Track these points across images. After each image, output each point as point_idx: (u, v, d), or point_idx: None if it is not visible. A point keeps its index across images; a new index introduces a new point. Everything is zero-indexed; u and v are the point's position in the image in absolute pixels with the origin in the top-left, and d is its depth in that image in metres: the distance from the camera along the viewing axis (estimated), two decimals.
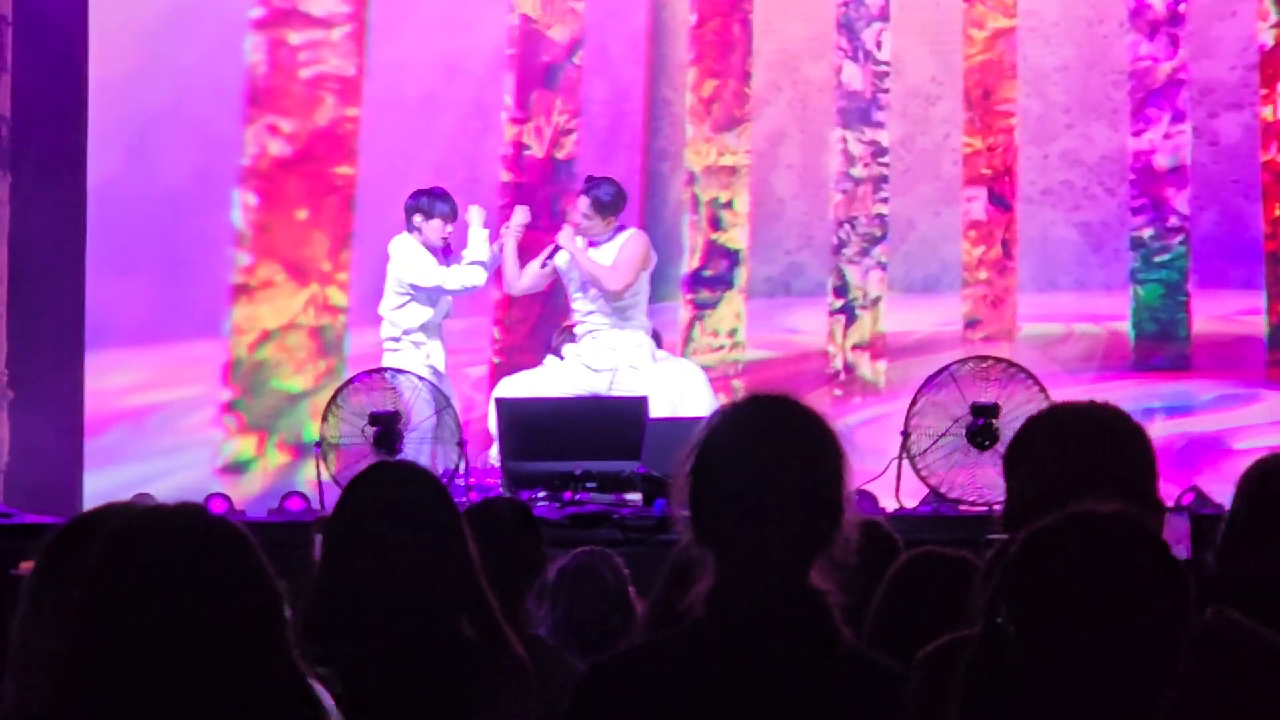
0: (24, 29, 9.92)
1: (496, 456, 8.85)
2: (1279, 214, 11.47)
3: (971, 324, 11.71)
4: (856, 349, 11.79)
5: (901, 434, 8.45)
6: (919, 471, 8.38)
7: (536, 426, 8.36)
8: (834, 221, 11.86)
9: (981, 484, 8.29)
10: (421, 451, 8.47)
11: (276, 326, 11.25)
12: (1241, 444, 10.59)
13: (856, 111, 11.90)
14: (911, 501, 8.54)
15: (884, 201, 11.85)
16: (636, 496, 8.17)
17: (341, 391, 8.74)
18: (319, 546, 3.58)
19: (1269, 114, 11.55)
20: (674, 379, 9.19)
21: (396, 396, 8.73)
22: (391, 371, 8.92)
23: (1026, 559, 2.35)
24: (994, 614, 2.34)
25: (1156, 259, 11.63)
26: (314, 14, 11.40)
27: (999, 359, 8.67)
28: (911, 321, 11.77)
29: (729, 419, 2.68)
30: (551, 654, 4.24)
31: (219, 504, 8.72)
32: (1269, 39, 11.59)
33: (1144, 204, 11.67)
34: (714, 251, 11.87)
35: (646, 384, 9.01)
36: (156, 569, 2.17)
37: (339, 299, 11.29)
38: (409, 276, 9.28)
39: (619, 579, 5.10)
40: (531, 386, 9.26)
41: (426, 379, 8.84)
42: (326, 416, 8.63)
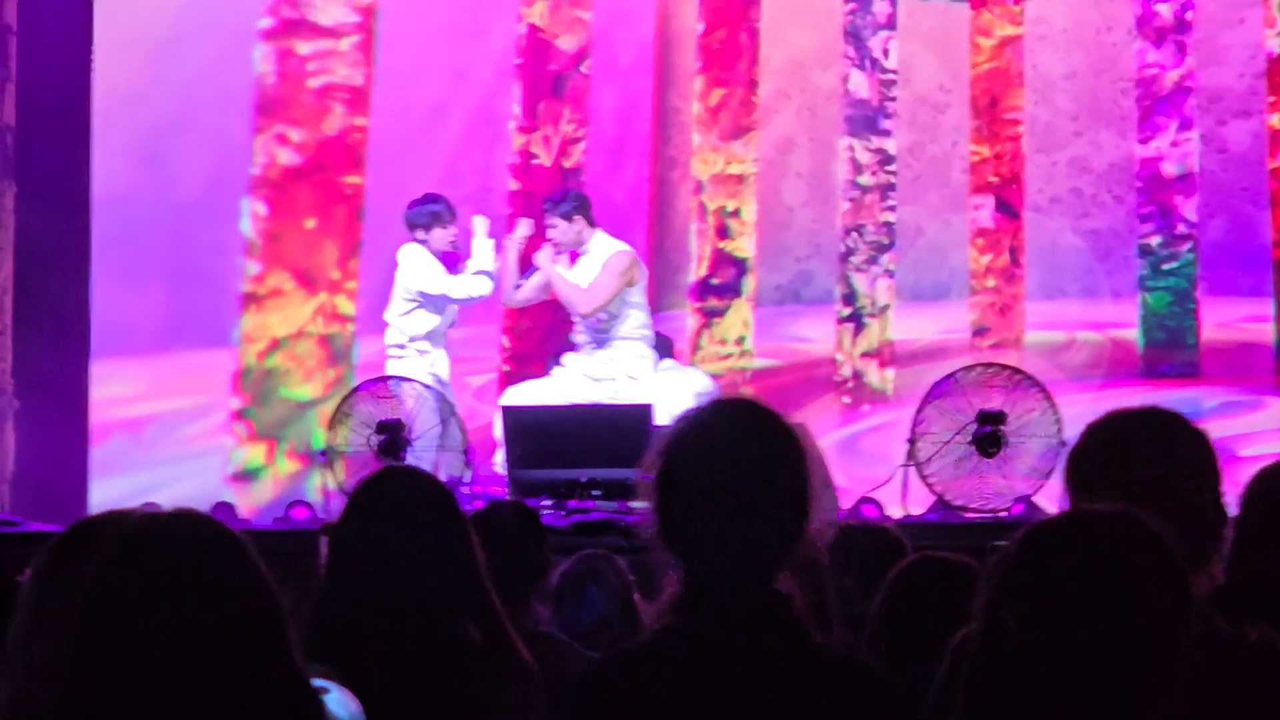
0: (28, 38, 9.94)
1: (502, 463, 8.86)
2: None
3: (979, 331, 11.72)
4: (865, 357, 11.80)
5: (908, 441, 8.45)
6: (925, 478, 8.38)
7: (542, 434, 8.37)
8: (841, 229, 11.87)
9: (988, 491, 8.29)
10: (426, 459, 8.48)
11: (285, 335, 11.26)
12: (1249, 451, 10.58)
13: (863, 120, 11.91)
14: (918, 508, 8.54)
15: (891, 209, 11.86)
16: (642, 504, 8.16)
17: (348, 400, 8.75)
18: (325, 551, 3.59)
19: (1277, 121, 11.55)
20: (679, 388, 9.21)
21: (402, 405, 8.73)
22: (397, 380, 8.93)
23: (1026, 557, 2.35)
24: (994, 612, 2.34)
25: (1165, 266, 11.62)
26: (322, 24, 11.41)
27: (1005, 366, 8.67)
28: (919, 329, 11.78)
29: (693, 424, 2.67)
30: (564, 649, 4.25)
31: (223, 511, 8.74)
32: (1277, 46, 11.59)
33: (1152, 211, 11.67)
34: (722, 260, 11.88)
35: (648, 394, 9.02)
36: (156, 573, 2.18)
37: (347, 307, 11.30)
38: (416, 284, 9.30)
39: (623, 582, 5.11)
40: (537, 395, 9.28)
41: (432, 387, 8.85)
42: (333, 425, 8.64)
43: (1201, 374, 11.51)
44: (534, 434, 8.41)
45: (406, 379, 8.94)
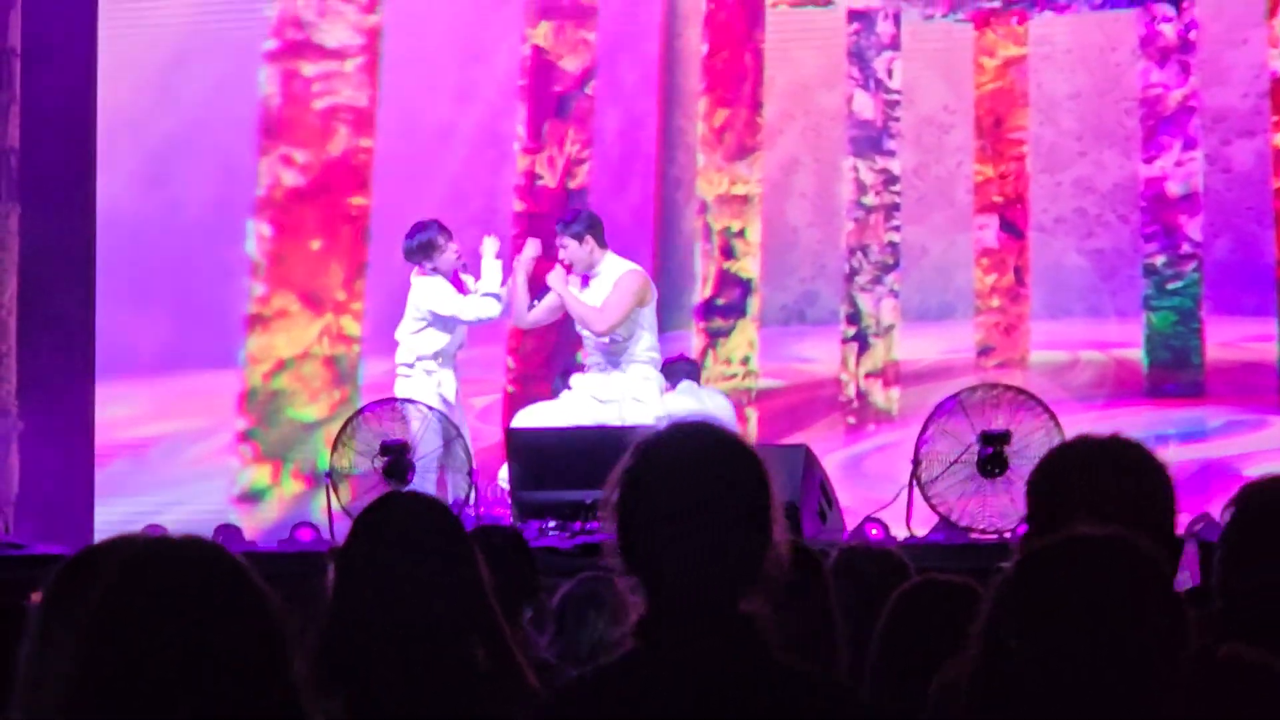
0: (33, 61, 9.96)
1: (505, 478, 8.85)
2: None
3: (984, 351, 11.71)
4: (869, 377, 11.80)
5: (912, 462, 8.45)
6: (929, 499, 8.37)
7: (547, 456, 8.36)
8: (846, 250, 11.87)
9: (992, 512, 8.28)
10: (430, 481, 8.47)
11: (291, 356, 11.28)
12: (1254, 470, 10.58)
13: (868, 140, 11.92)
14: (922, 529, 8.53)
15: (896, 229, 11.87)
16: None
17: (352, 422, 8.75)
18: (332, 576, 3.59)
19: None
20: (687, 411, 9.20)
21: (406, 426, 8.72)
22: (402, 401, 8.93)
23: (1023, 580, 2.36)
24: (993, 635, 2.35)
25: (1169, 286, 11.62)
26: (327, 45, 11.45)
27: (1009, 387, 8.66)
28: (924, 349, 11.77)
29: (651, 448, 2.67)
30: (555, 675, 4.25)
31: (227, 533, 8.74)
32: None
33: (1156, 231, 11.67)
34: (726, 280, 11.89)
35: (654, 417, 9.00)
36: (158, 599, 2.19)
37: (353, 328, 11.32)
38: (427, 304, 9.30)
39: (623, 604, 5.09)
40: (545, 418, 9.26)
41: (436, 409, 8.85)
42: (337, 446, 8.63)
43: (1206, 393, 11.50)
44: (538, 455, 8.40)
45: (412, 400, 8.93)
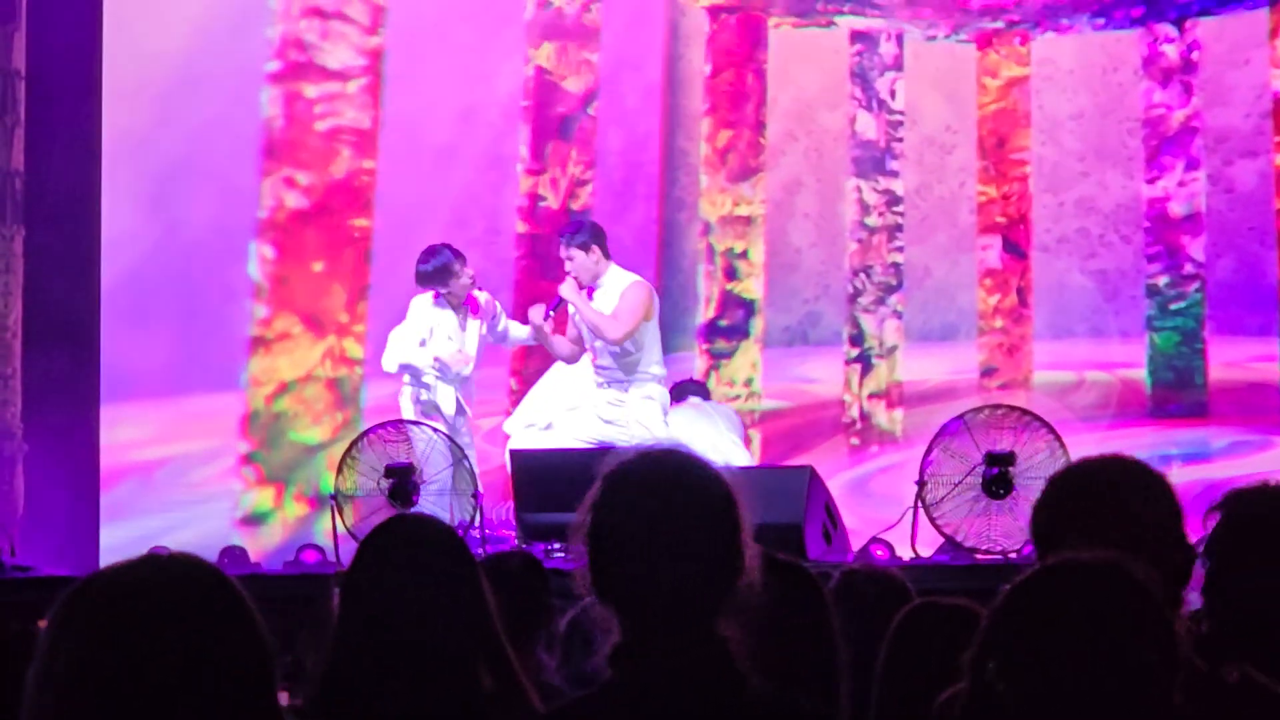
0: (37, 83, 9.96)
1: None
2: None
3: (988, 372, 11.71)
4: (873, 398, 11.79)
5: (917, 483, 8.43)
6: (934, 520, 8.36)
7: (551, 478, 8.31)
8: (849, 270, 11.87)
9: (997, 532, 8.26)
10: (438, 504, 8.45)
11: (294, 378, 11.26)
12: None
13: (871, 161, 11.92)
14: (928, 550, 8.51)
15: (899, 250, 11.87)
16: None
17: (357, 444, 8.72)
18: (337, 600, 3.58)
19: None
20: (696, 434, 9.17)
21: (412, 448, 8.70)
22: (407, 424, 8.91)
23: (1010, 609, 2.34)
24: (982, 665, 2.33)
25: (1172, 306, 11.62)
26: (330, 67, 11.44)
27: (1014, 407, 8.64)
28: (928, 370, 11.77)
29: (620, 476, 2.67)
30: (561, 699, 4.22)
31: (233, 555, 8.72)
32: None
33: (1159, 251, 11.67)
34: (730, 301, 11.88)
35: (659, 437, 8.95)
36: (154, 623, 2.21)
37: (356, 351, 11.29)
38: (419, 331, 9.24)
39: None
40: (550, 440, 9.23)
41: (441, 431, 8.82)
42: (342, 469, 8.61)
43: (1210, 414, 11.49)
44: (543, 477, 8.35)
45: (417, 422, 8.92)
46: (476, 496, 8.59)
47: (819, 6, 11.95)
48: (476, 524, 8.51)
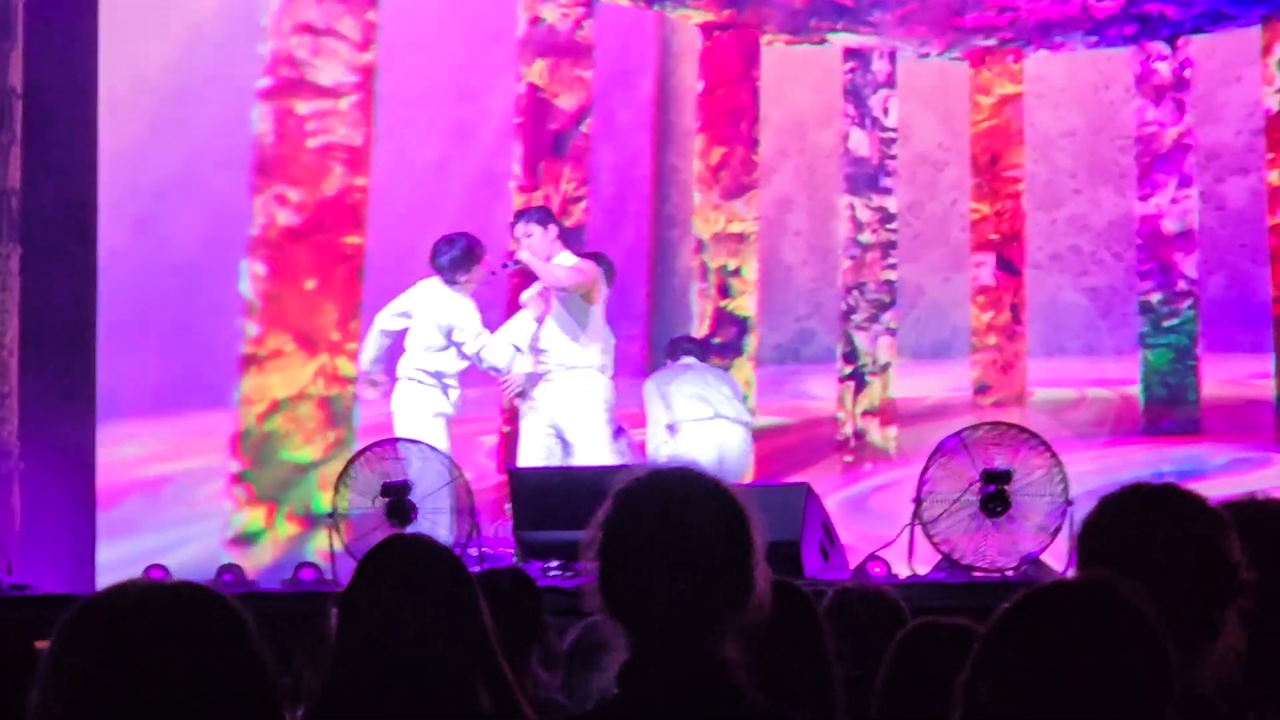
0: (34, 101, 9.94)
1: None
2: None
3: (981, 389, 11.71)
4: (866, 415, 11.78)
5: (914, 500, 8.41)
6: (931, 538, 8.33)
7: (548, 495, 8.32)
8: (843, 288, 11.87)
9: (994, 550, 8.25)
10: (437, 523, 8.42)
11: (286, 397, 11.21)
12: None
13: (864, 178, 11.93)
14: (924, 567, 8.50)
15: (892, 268, 11.87)
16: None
17: (354, 462, 8.69)
18: (335, 620, 3.57)
19: (1275, 178, 11.56)
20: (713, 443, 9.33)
21: (408, 467, 8.68)
22: (404, 441, 8.89)
23: (1002, 634, 2.33)
24: (976, 689, 2.31)
25: (1165, 323, 11.63)
26: (322, 84, 11.40)
27: (1010, 425, 8.64)
28: (921, 387, 11.77)
29: (632, 493, 2.67)
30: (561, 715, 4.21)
31: (230, 573, 8.69)
32: (1275, 104, 11.62)
33: (1152, 268, 11.68)
34: (723, 319, 11.87)
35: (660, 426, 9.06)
36: (153, 647, 2.20)
37: (348, 369, 11.24)
38: (452, 321, 9.26)
39: None
40: (524, 451, 9.32)
41: (438, 449, 8.80)
42: (338, 487, 8.58)
43: (1203, 431, 11.50)
44: (540, 495, 8.36)
45: (413, 440, 8.89)
46: (473, 514, 8.56)
47: (812, 24, 11.95)
48: (473, 541, 8.49)
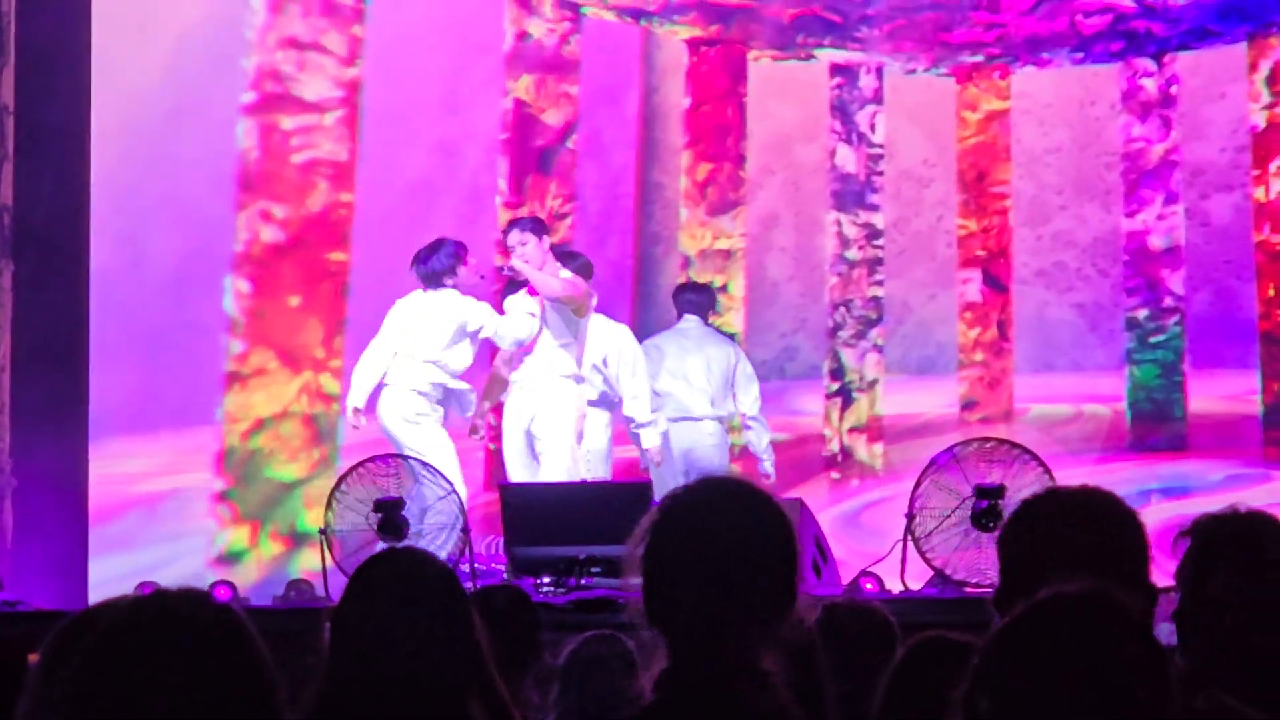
0: (25, 117, 9.90)
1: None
2: (1273, 294, 11.46)
3: (969, 405, 11.68)
4: (853, 432, 11.75)
5: (906, 516, 8.39)
6: (924, 553, 8.31)
7: (540, 512, 8.32)
8: (829, 304, 11.84)
9: (986, 566, 8.22)
10: (435, 539, 8.39)
11: (270, 414, 11.14)
12: None
13: (851, 194, 11.90)
14: (917, 583, 8.47)
15: (879, 284, 11.84)
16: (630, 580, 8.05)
17: (346, 478, 8.66)
18: (327, 635, 3.54)
19: (1261, 195, 11.56)
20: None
21: (401, 482, 8.65)
22: (397, 457, 8.85)
23: (1000, 647, 2.31)
24: (974, 703, 2.29)
25: (1152, 339, 11.62)
26: (306, 99, 11.34)
27: (1003, 440, 8.64)
28: (908, 404, 11.74)
29: (681, 502, 2.70)
30: None
31: (223, 591, 8.65)
32: (1260, 120, 11.61)
33: (1139, 284, 11.67)
34: None
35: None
36: (154, 655, 2.15)
37: (333, 386, 11.18)
38: (466, 318, 9.26)
39: (628, 665, 5.03)
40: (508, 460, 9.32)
41: (431, 465, 8.75)
42: (331, 503, 8.54)
43: (1189, 447, 11.48)
44: (532, 512, 8.35)
45: (406, 456, 8.85)
46: (466, 530, 8.53)
47: (799, 40, 11.93)
48: (466, 556, 8.45)
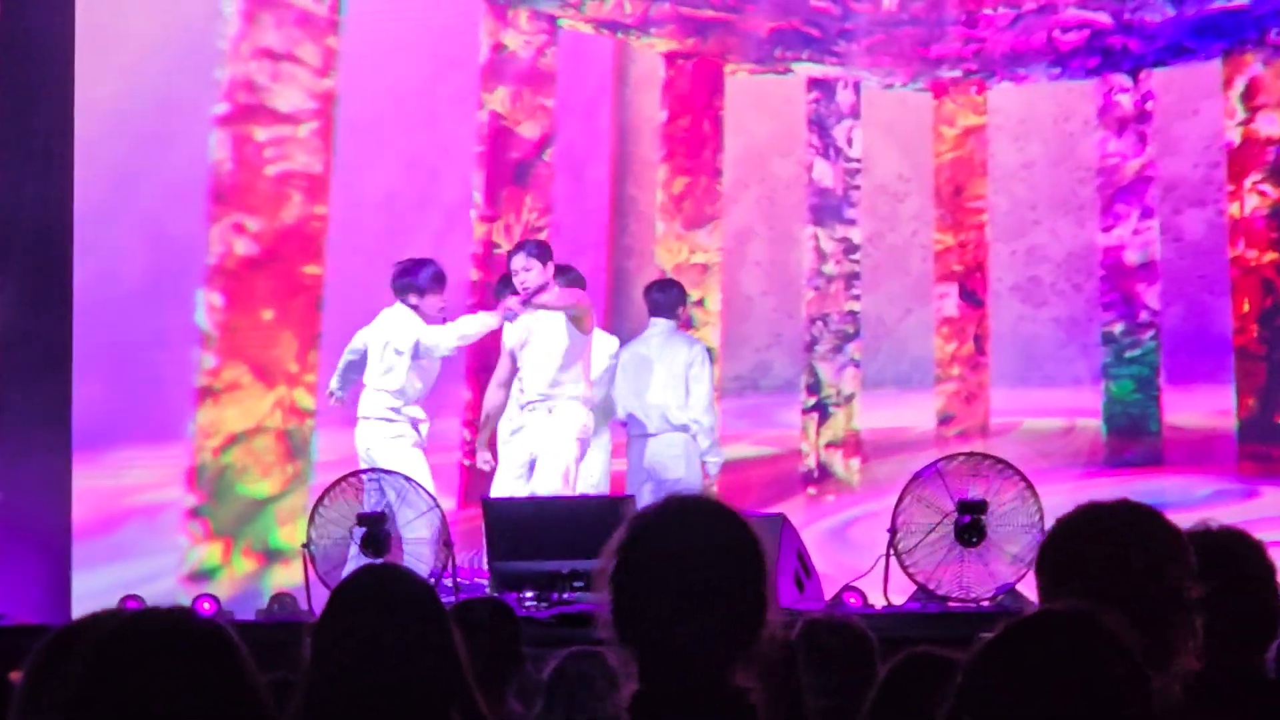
0: (12, 130, 9.86)
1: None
2: (1248, 309, 11.47)
3: (946, 420, 11.65)
4: (830, 447, 11.71)
5: (889, 531, 8.37)
6: (907, 568, 8.29)
7: (523, 526, 8.30)
8: (806, 319, 11.81)
9: (970, 580, 8.22)
10: (418, 554, 8.35)
11: (243, 430, 11.05)
12: None
13: (828, 208, 11.87)
14: (900, 598, 8.44)
15: (856, 299, 11.81)
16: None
17: (329, 492, 8.62)
18: (308, 650, 3.50)
19: (1236, 210, 11.56)
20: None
21: (383, 497, 8.62)
22: (380, 472, 8.82)
23: (984, 664, 2.30)
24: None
25: (1128, 354, 11.62)
26: (280, 110, 11.26)
27: (986, 455, 8.64)
28: (885, 419, 11.71)
29: (650, 521, 2.68)
30: None
31: (208, 606, 8.62)
32: (1236, 136, 11.62)
33: (1114, 299, 11.67)
34: None
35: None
36: (142, 672, 2.14)
37: (307, 401, 11.10)
38: (411, 335, 9.18)
39: (611, 680, 4.98)
40: (500, 481, 9.25)
41: (414, 479, 8.72)
42: (314, 518, 8.51)
43: (1165, 461, 11.48)
44: (514, 526, 8.33)
45: (389, 471, 8.81)
46: (448, 545, 8.50)
47: (777, 54, 11.90)
48: (448, 571, 8.42)
